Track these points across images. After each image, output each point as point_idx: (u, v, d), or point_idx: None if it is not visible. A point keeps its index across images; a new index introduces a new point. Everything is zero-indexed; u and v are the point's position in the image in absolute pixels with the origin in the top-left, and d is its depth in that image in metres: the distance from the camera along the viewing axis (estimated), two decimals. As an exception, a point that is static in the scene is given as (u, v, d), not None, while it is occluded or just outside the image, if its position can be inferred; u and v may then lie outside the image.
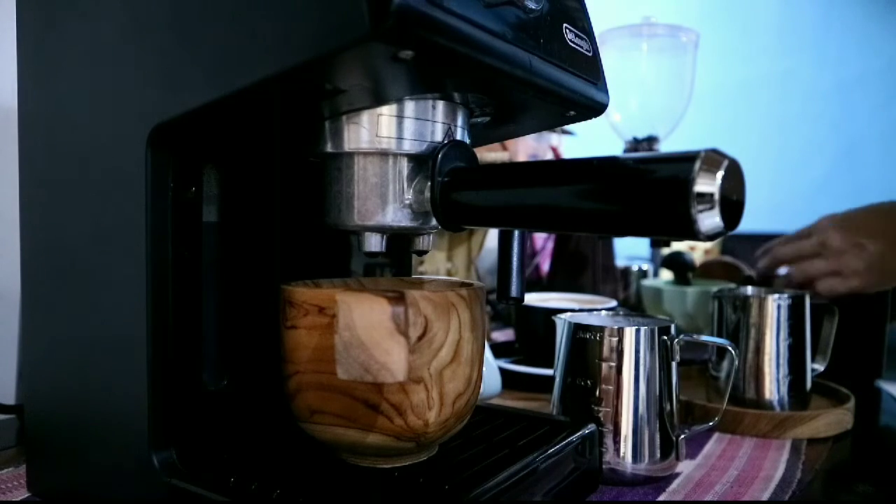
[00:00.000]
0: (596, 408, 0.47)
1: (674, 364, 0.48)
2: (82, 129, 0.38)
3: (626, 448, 0.46)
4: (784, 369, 0.62)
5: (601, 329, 0.47)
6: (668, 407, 0.47)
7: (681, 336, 0.48)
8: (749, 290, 0.67)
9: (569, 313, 0.53)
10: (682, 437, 0.48)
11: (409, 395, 0.34)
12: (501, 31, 0.31)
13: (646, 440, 0.46)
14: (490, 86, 0.35)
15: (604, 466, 0.46)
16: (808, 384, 0.63)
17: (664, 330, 0.47)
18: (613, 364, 0.47)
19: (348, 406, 0.34)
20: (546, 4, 0.35)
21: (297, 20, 0.28)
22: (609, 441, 0.46)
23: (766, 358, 0.62)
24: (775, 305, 0.62)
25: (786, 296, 0.62)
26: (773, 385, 0.62)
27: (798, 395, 0.62)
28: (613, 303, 0.80)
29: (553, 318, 0.52)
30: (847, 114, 3.57)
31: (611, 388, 0.47)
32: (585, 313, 0.55)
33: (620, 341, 0.47)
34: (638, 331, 0.47)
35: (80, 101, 0.38)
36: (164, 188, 0.35)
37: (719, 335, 0.65)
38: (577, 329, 0.48)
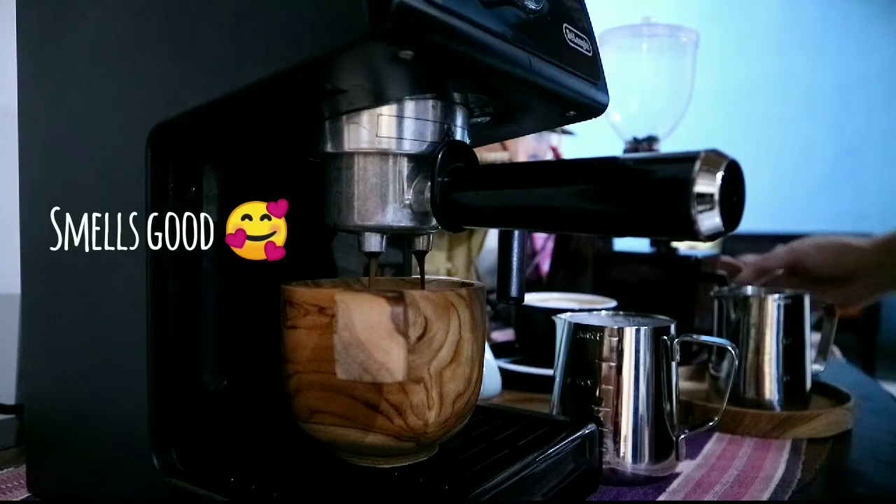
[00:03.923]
0: (596, 408, 0.47)
1: (674, 364, 0.48)
2: (82, 129, 0.38)
3: (626, 448, 0.46)
4: (784, 369, 0.62)
5: (601, 329, 0.47)
6: (668, 407, 0.47)
7: (681, 336, 0.48)
8: (749, 290, 0.67)
9: (569, 313, 0.53)
10: (682, 437, 0.48)
11: (409, 395, 0.34)
12: (501, 31, 0.31)
13: (646, 440, 0.46)
14: (490, 86, 0.35)
15: (604, 466, 0.46)
16: (808, 384, 0.63)
17: (664, 330, 0.47)
18: (613, 364, 0.47)
19: (348, 406, 0.34)
20: (546, 4, 0.35)
21: (296, 20, 0.28)
22: (609, 441, 0.46)
23: (766, 358, 0.62)
24: (775, 305, 0.62)
25: (785, 296, 0.62)
26: (774, 385, 0.62)
27: (798, 395, 0.62)
28: (613, 303, 0.80)
29: (553, 318, 0.52)
30: (847, 114, 3.57)
31: (611, 388, 0.47)
32: (585, 313, 0.55)
33: (620, 341, 0.47)
34: (638, 331, 0.47)
35: (80, 101, 0.38)
36: (164, 188, 0.35)
37: (719, 335, 0.65)
38: (577, 329, 0.48)
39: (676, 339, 0.47)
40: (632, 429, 0.46)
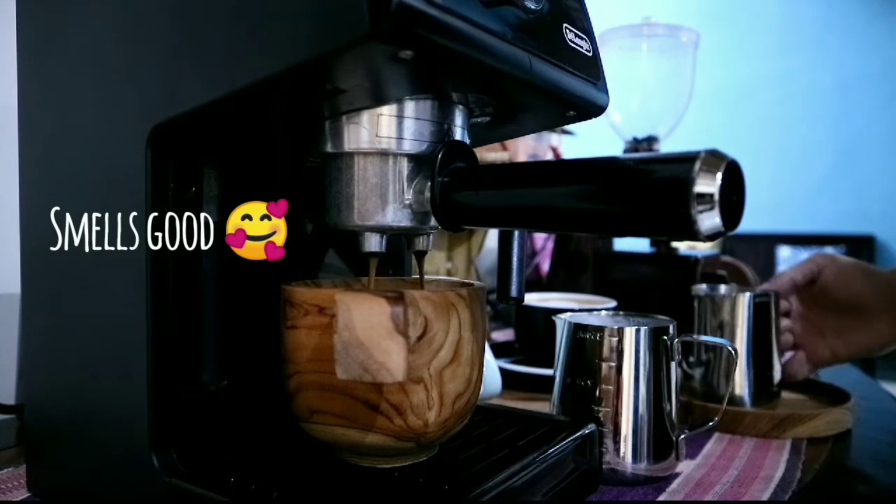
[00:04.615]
0: (596, 408, 0.47)
1: (674, 364, 0.48)
2: (82, 129, 0.38)
3: (626, 448, 0.46)
4: (754, 365, 0.63)
5: (601, 329, 0.47)
6: (668, 407, 0.47)
7: (681, 336, 0.48)
8: (722, 288, 0.69)
9: (569, 313, 0.53)
10: (682, 437, 0.48)
11: (409, 395, 0.34)
12: (501, 31, 0.31)
13: (646, 440, 0.46)
14: (490, 86, 0.35)
15: (604, 466, 0.46)
16: (776, 379, 0.64)
17: (664, 330, 0.47)
18: (613, 364, 0.47)
19: (348, 406, 0.34)
20: (546, 4, 0.35)
21: (296, 20, 0.28)
22: (609, 441, 0.46)
23: (738, 354, 0.63)
24: (747, 303, 0.63)
25: (755, 294, 0.64)
26: (744, 380, 0.63)
27: (767, 390, 0.64)
28: (613, 303, 0.80)
29: (553, 318, 0.52)
30: (847, 114, 3.57)
31: (611, 388, 0.47)
32: (585, 313, 0.55)
33: (620, 341, 0.47)
34: (638, 331, 0.47)
35: (80, 101, 0.38)
36: (164, 188, 0.35)
37: (699, 334, 0.66)
38: (577, 329, 0.48)
39: (676, 339, 0.47)
40: (632, 429, 0.46)
